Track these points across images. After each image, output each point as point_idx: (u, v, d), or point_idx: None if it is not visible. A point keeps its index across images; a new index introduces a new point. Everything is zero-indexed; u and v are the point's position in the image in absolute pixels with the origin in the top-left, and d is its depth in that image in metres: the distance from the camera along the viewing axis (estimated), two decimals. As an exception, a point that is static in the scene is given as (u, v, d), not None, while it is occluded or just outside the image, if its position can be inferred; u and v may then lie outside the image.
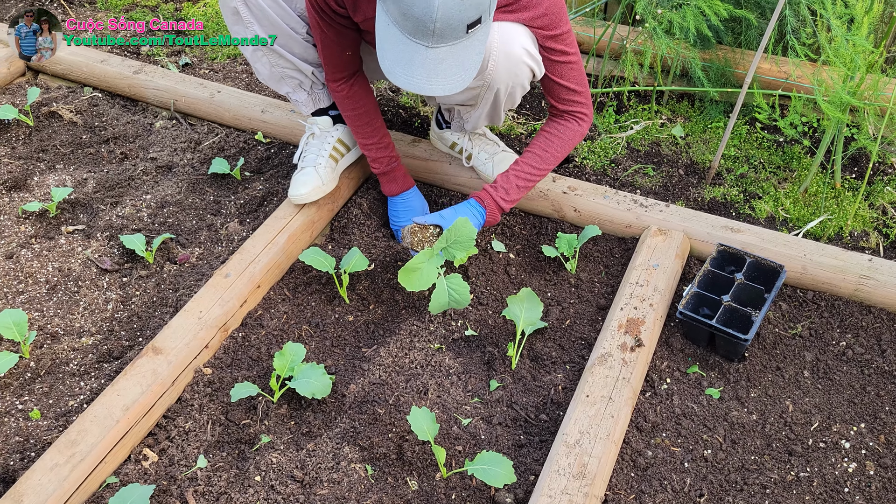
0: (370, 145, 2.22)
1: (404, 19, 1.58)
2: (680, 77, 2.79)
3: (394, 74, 1.66)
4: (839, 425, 1.84)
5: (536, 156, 2.12)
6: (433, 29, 1.56)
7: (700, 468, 1.76)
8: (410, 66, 1.64)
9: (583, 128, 2.13)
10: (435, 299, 1.98)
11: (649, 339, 1.94)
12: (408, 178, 2.30)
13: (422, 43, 1.60)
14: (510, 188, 2.10)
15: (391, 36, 1.63)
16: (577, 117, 2.11)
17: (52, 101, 2.84)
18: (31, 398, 1.89)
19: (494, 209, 2.10)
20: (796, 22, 2.49)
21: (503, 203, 2.10)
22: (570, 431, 1.72)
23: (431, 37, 1.58)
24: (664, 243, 2.16)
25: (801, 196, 2.44)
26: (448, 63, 1.64)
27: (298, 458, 1.76)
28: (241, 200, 2.42)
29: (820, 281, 2.11)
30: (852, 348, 2.00)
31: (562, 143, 2.11)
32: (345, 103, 2.17)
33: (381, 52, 1.67)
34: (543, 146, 2.12)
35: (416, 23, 1.57)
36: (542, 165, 2.12)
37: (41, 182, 2.50)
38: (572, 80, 2.04)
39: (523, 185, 2.12)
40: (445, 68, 1.65)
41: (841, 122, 2.25)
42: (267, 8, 2.02)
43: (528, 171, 2.11)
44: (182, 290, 2.12)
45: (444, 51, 1.62)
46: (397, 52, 1.63)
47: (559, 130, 2.11)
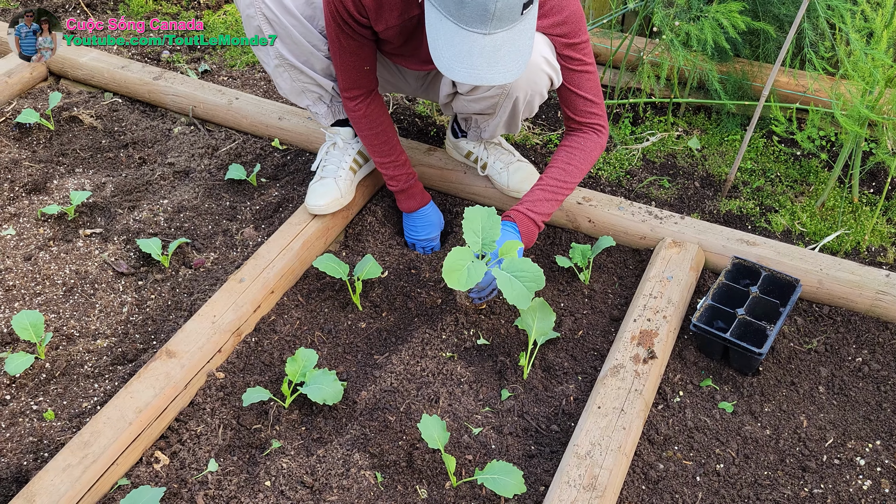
0: (387, 163, 2.22)
1: (461, 8, 1.56)
2: (696, 89, 2.79)
3: (453, 70, 1.65)
4: (854, 442, 1.82)
5: (560, 170, 2.07)
6: (493, 11, 1.56)
7: (712, 482, 1.74)
8: (469, 56, 1.63)
9: (602, 140, 2.11)
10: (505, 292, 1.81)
11: (662, 352, 1.93)
12: (424, 195, 2.30)
13: (479, 31, 1.59)
14: (536, 200, 2.04)
15: (445, 31, 1.62)
16: (595, 129, 2.09)
17: (73, 106, 2.87)
18: (46, 399, 1.91)
19: (524, 218, 2.02)
20: (815, 35, 2.49)
21: (531, 214, 2.02)
22: (581, 443, 1.71)
23: (490, 21, 1.57)
24: (679, 255, 2.15)
25: (818, 210, 2.43)
26: (506, 49, 1.63)
27: (308, 463, 1.76)
28: (257, 206, 2.44)
29: (836, 296, 2.09)
30: (868, 364, 1.98)
31: (584, 154, 2.08)
32: (361, 122, 2.17)
33: (435, 51, 1.66)
34: (566, 159, 2.08)
35: (475, 9, 1.56)
36: (568, 178, 2.07)
37: (60, 185, 2.53)
38: (589, 91, 2.04)
39: (551, 197, 2.05)
40: (504, 55, 1.64)
41: (859, 136, 2.23)
42: (290, 26, 2.03)
43: (553, 185, 2.06)
44: (196, 295, 2.13)
45: (501, 36, 1.61)
46: (454, 46, 1.63)
47: (580, 143, 2.08)
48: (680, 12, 2.51)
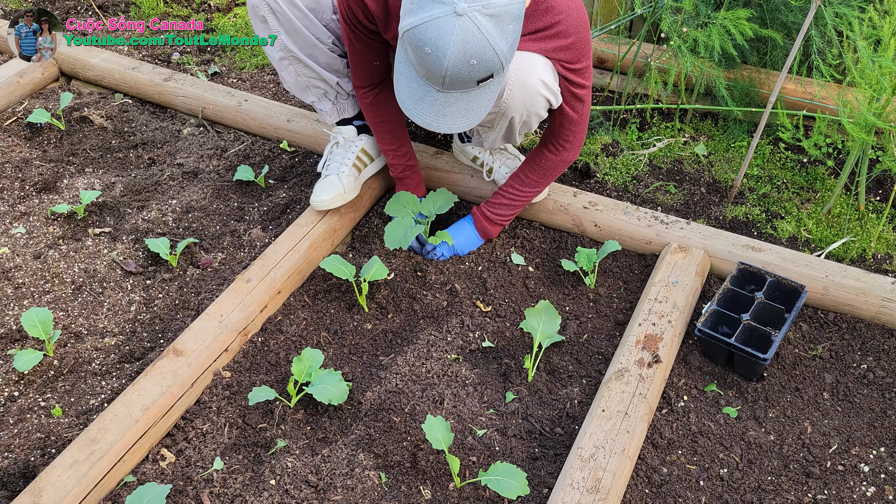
0: (389, 151, 2.29)
1: (419, 65, 1.64)
2: (704, 96, 2.80)
3: (406, 106, 1.74)
4: (858, 448, 1.82)
5: (520, 179, 2.23)
6: (443, 81, 1.63)
7: (716, 487, 1.75)
8: (422, 102, 1.71)
9: (566, 157, 2.17)
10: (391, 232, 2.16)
11: (667, 356, 1.93)
12: (421, 188, 2.36)
13: (433, 86, 1.67)
14: (495, 203, 2.26)
15: (407, 72, 1.70)
16: (563, 147, 2.14)
17: (84, 107, 2.90)
18: (54, 396, 1.93)
19: (480, 216, 2.26)
20: (822, 42, 2.49)
21: (488, 212, 2.25)
22: (584, 445, 1.72)
23: (443, 84, 1.65)
24: (684, 260, 2.15)
25: (824, 217, 2.43)
26: (458, 106, 1.71)
27: (313, 463, 1.77)
28: (265, 207, 2.45)
29: (841, 302, 2.09)
30: (873, 371, 1.98)
31: (543, 171, 2.20)
32: (368, 110, 2.22)
33: (397, 83, 1.74)
34: (527, 171, 2.22)
35: (427, 71, 1.64)
36: (525, 188, 2.23)
37: (70, 185, 2.55)
38: (576, 112, 2.05)
39: (508, 203, 2.25)
40: (455, 111, 1.71)
41: (866, 143, 2.24)
42: (294, 18, 2.05)
43: (511, 192, 2.24)
44: (204, 294, 2.15)
45: (455, 96, 1.68)
46: (412, 87, 1.71)
47: (541, 160, 2.19)
48: (688, 19, 2.52)
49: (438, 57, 1.57)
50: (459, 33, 1.54)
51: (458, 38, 1.55)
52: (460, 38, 1.55)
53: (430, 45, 1.57)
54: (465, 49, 1.56)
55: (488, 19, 1.55)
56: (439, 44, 1.56)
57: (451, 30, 1.54)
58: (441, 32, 1.55)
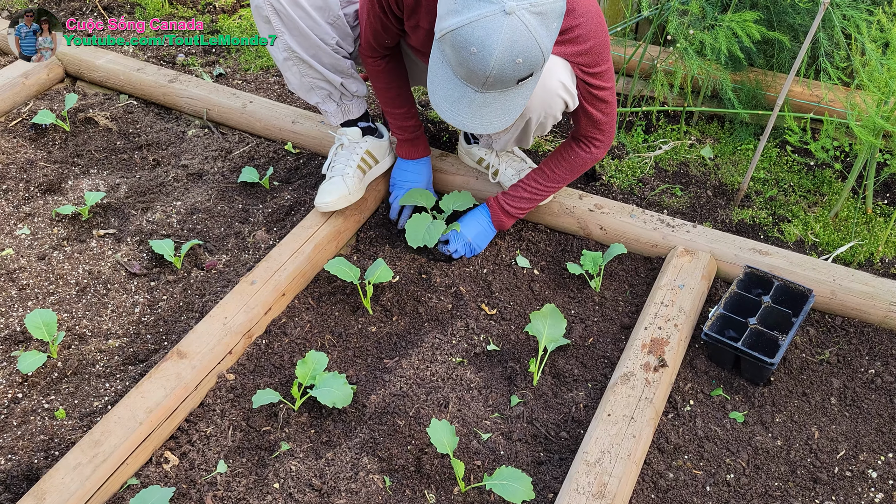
0: (397, 114, 2.30)
1: (459, 66, 1.62)
2: (710, 98, 2.78)
3: (441, 109, 1.73)
4: (866, 454, 1.80)
5: (545, 173, 2.22)
6: (485, 81, 1.62)
7: (722, 492, 1.73)
8: (458, 104, 1.70)
9: (596, 153, 2.17)
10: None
11: (673, 360, 1.92)
12: (426, 148, 2.38)
13: (472, 87, 1.66)
14: (513, 195, 2.24)
15: (443, 74, 1.69)
16: (594, 144, 2.14)
17: (89, 108, 2.90)
18: (58, 398, 1.92)
19: (496, 207, 2.25)
20: (830, 45, 2.48)
21: (506, 205, 2.24)
22: (590, 450, 1.71)
23: (482, 85, 1.64)
24: (690, 264, 2.14)
25: (832, 221, 2.42)
26: (494, 106, 1.70)
27: (317, 466, 1.76)
28: (269, 209, 2.45)
29: (849, 307, 2.08)
30: (881, 376, 1.97)
31: (571, 167, 2.19)
32: (378, 76, 2.22)
33: (431, 85, 1.73)
34: (553, 166, 2.20)
35: (469, 72, 1.62)
36: (548, 184, 2.23)
37: (75, 186, 2.55)
38: (601, 112, 2.05)
39: (528, 196, 2.24)
40: (491, 111, 1.70)
41: (874, 146, 2.22)
42: (297, 19, 2.05)
43: (533, 185, 2.23)
44: (208, 296, 2.14)
45: (493, 95, 1.67)
46: (447, 89, 1.69)
47: (571, 156, 2.17)
48: (694, 21, 2.51)
49: (484, 56, 1.56)
50: (507, 32, 1.53)
51: (506, 37, 1.54)
52: (508, 36, 1.54)
53: (476, 44, 1.55)
54: (513, 47, 1.55)
55: (535, 17, 1.54)
56: (486, 43, 1.54)
57: (499, 28, 1.53)
58: (489, 31, 1.53)
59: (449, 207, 2.29)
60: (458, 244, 2.25)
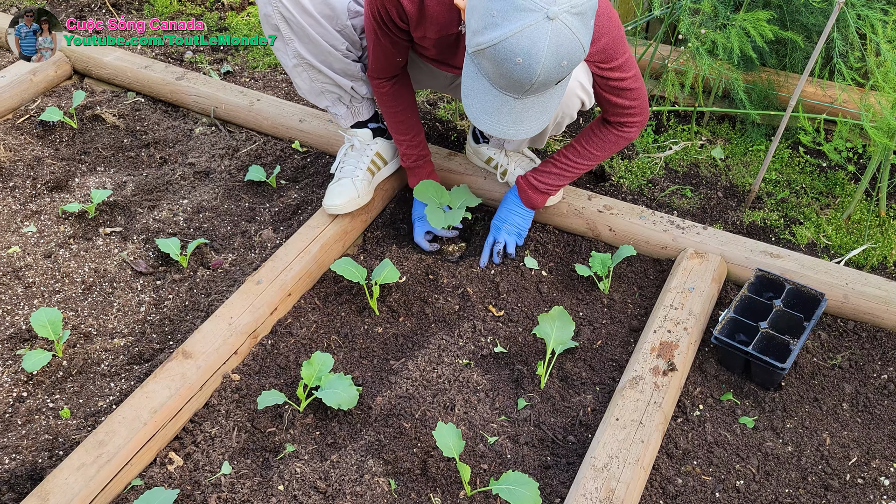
0: (403, 140, 2.27)
1: (500, 77, 1.59)
2: (721, 98, 2.75)
3: (480, 121, 1.70)
4: (878, 461, 1.78)
5: (576, 150, 2.17)
6: (529, 88, 1.59)
7: (732, 499, 1.71)
8: (498, 114, 1.67)
9: (629, 133, 2.13)
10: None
11: (682, 364, 1.89)
12: (433, 178, 2.33)
13: (511, 95, 1.63)
14: (544, 171, 2.20)
15: (479, 87, 1.66)
16: (627, 125, 2.11)
17: (96, 105, 2.89)
18: (62, 397, 1.91)
19: (524, 185, 2.21)
20: (844, 45, 2.44)
21: (534, 180, 2.20)
22: (598, 455, 1.69)
23: (524, 92, 1.61)
24: (700, 266, 2.12)
25: (844, 223, 2.39)
26: (534, 110, 1.68)
27: (322, 468, 1.75)
28: (276, 208, 2.44)
29: (862, 311, 2.05)
30: (894, 382, 1.94)
31: (603, 144, 2.14)
32: (385, 99, 2.19)
33: (466, 99, 1.69)
34: (585, 143, 2.16)
35: (512, 82, 1.58)
36: (580, 160, 2.17)
37: (82, 184, 2.54)
38: (626, 98, 2.03)
39: (559, 172, 2.19)
40: (531, 115, 1.68)
41: (888, 148, 2.19)
42: (307, 26, 2.03)
43: (563, 161, 2.18)
44: (214, 296, 2.13)
45: (532, 100, 1.65)
46: (485, 101, 1.66)
47: (604, 133, 2.13)
48: (706, 20, 2.48)
49: (531, 65, 1.53)
50: (552, 37, 1.51)
51: (552, 43, 1.51)
52: (553, 41, 1.51)
53: (521, 54, 1.52)
54: (558, 52, 1.53)
55: (576, 18, 1.52)
56: (532, 51, 1.51)
57: (544, 36, 1.50)
58: (534, 40, 1.51)
59: (455, 204, 2.26)
60: (504, 236, 2.24)
